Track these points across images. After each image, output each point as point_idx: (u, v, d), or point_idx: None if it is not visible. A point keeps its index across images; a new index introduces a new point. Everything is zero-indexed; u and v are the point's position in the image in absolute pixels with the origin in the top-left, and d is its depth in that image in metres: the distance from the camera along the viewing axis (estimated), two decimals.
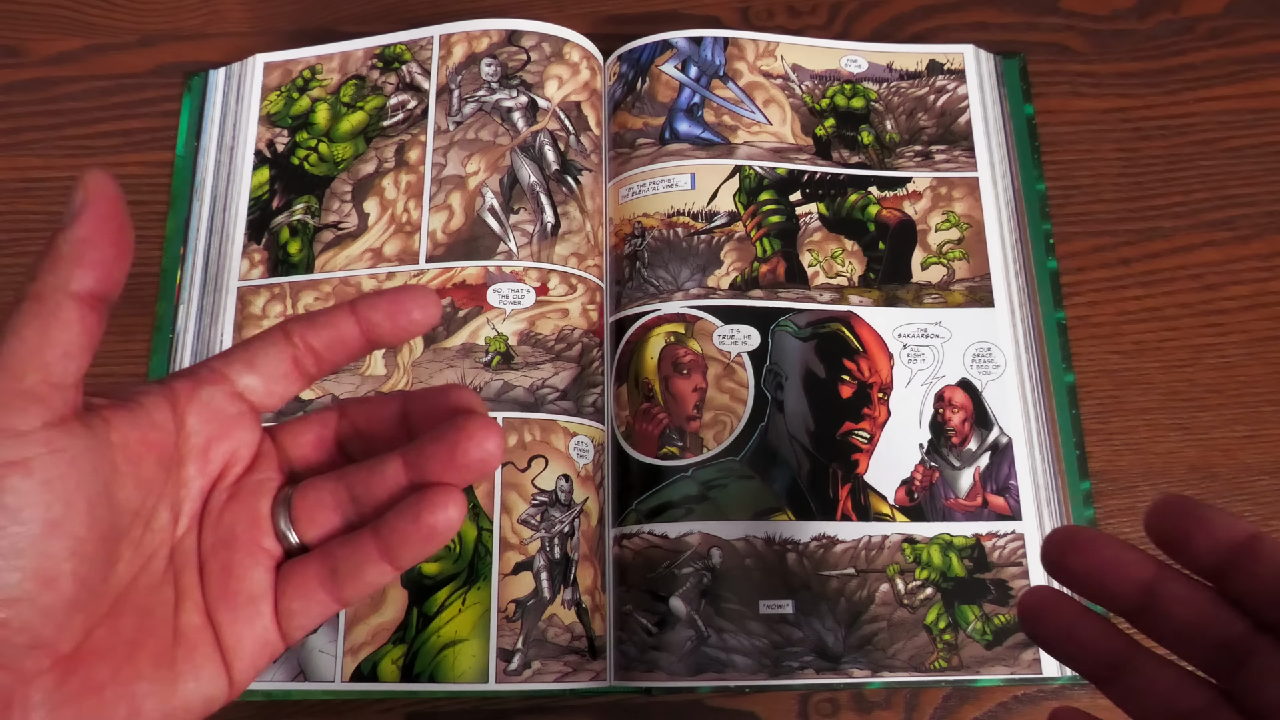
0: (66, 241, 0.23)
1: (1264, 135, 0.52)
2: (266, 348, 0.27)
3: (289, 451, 0.29)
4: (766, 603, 0.43)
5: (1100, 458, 0.47)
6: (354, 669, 0.42)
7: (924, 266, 0.49)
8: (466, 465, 0.26)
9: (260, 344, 0.28)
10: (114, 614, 0.25)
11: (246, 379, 0.27)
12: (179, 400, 0.26)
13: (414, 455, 0.27)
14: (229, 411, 0.27)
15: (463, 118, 0.50)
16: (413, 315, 0.27)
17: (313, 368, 0.28)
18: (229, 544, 0.27)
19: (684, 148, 0.50)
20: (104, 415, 0.24)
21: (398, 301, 0.27)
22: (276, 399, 0.28)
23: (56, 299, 0.22)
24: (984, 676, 0.43)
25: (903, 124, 0.52)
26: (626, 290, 0.48)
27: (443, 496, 0.26)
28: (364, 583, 0.27)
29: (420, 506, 0.26)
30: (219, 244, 0.51)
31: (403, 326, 0.28)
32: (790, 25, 0.55)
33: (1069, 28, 0.55)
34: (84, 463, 0.23)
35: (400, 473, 0.27)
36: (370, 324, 0.28)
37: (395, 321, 0.27)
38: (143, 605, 0.25)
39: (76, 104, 0.55)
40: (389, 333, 0.28)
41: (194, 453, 0.27)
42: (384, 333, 0.28)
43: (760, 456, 0.45)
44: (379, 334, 0.28)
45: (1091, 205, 0.51)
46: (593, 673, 0.43)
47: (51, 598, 0.22)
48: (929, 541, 0.45)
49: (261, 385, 0.28)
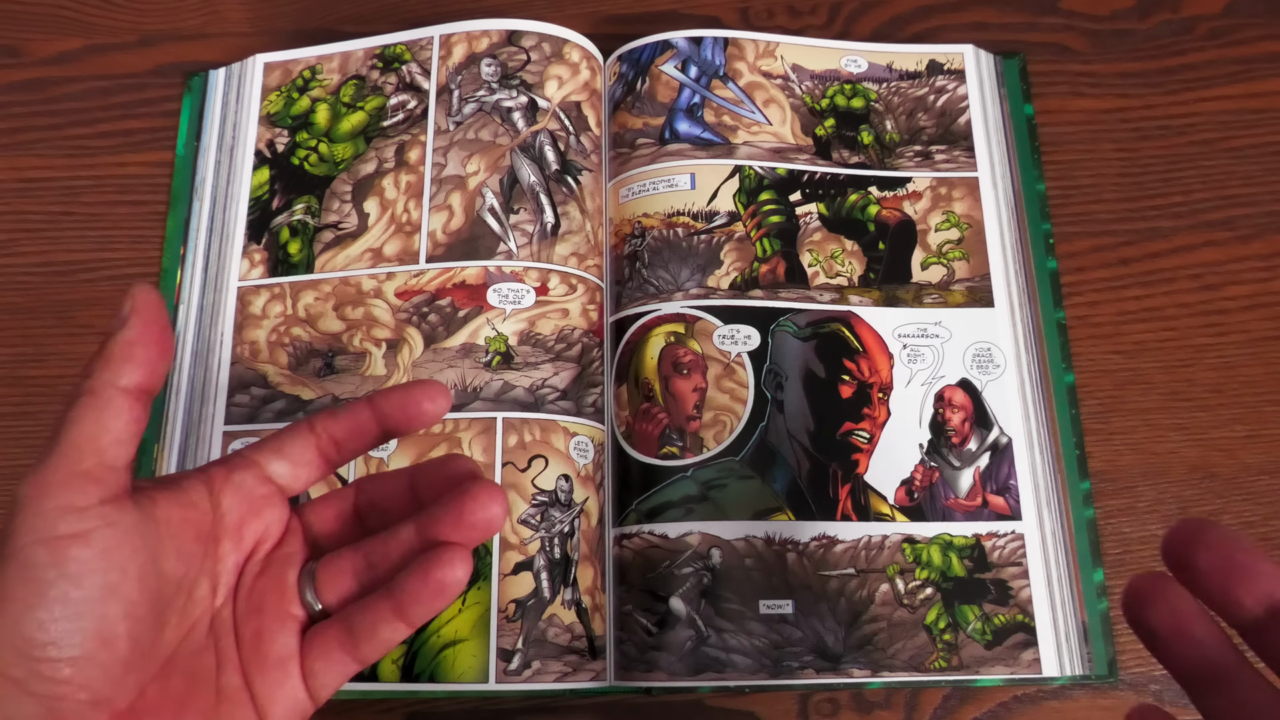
0: (117, 344, 0.26)
1: (1264, 135, 0.52)
2: (294, 439, 0.31)
3: (313, 527, 0.32)
4: (766, 603, 0.43)
5: (1100, 458, 0.47)
6: None
7: (924, 266, 0.49)
8: (473, 525, 0.29)
9: (288, 435, 0.31)
10: (163, 675, 0.27)
11: (275, 465, 0.31)
12: (215, 483, 0.30)
13: (424, 520, 0.29)
14: (259, 493, 0.30)
15: (463, 118, 0.50)
16: (423, 406, 0.31)
17: (335, 455, 0.32)
18: (260, 611, 0.29)
19: (684, 148, 0.50)
20: (150, 495, 0.27)
21: (409, 396, 0.31)
22: (302, 483, 0.31)
23: (109, 393, 0.26)
24: (984, 676, 0.43)
25: (903, 124, 0.52)
26: (626, 290, 0.48)
27: (450, 554, 0.28)
28: (380, 640, 0.29)
29: (429, 564, 0.28)
30: (219, 244, 0.51)
31: (414, 417, 0.31)
32: (790, 25, 0.55)
33: (1069, 28, 0.55)
34: (135, 536, 0.26)
35: (412, 537, 0.30)
36: (385, 416, 0.31)
37: (407, 413, 0.31)
38: (189, 668, 0.28)
39: (76, 104, 0.55)
40: (401, 424, 0.31)
41: (229, 530, 0.30)
42: (397, 423, 0.31)
43: (760, 456, 0.45)
44: (393, 424, 0.31)
45: (1091, 205, 0.51)
46: (593, 673, 0.43)
47: (109, 656, 0.25)
48: (929, 541, 0.45)
49: (289, 471, 0.31)
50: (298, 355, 0.48)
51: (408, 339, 0.47)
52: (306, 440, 0.31)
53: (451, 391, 0.46)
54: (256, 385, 0.48)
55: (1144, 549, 0.46)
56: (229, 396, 0.48)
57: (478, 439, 0.45)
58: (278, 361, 0.48)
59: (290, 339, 0.48)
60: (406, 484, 0.32)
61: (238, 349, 0.48)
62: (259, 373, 0.48)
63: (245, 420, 0.47)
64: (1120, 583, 0.45)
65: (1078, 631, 0.44)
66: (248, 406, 0.47)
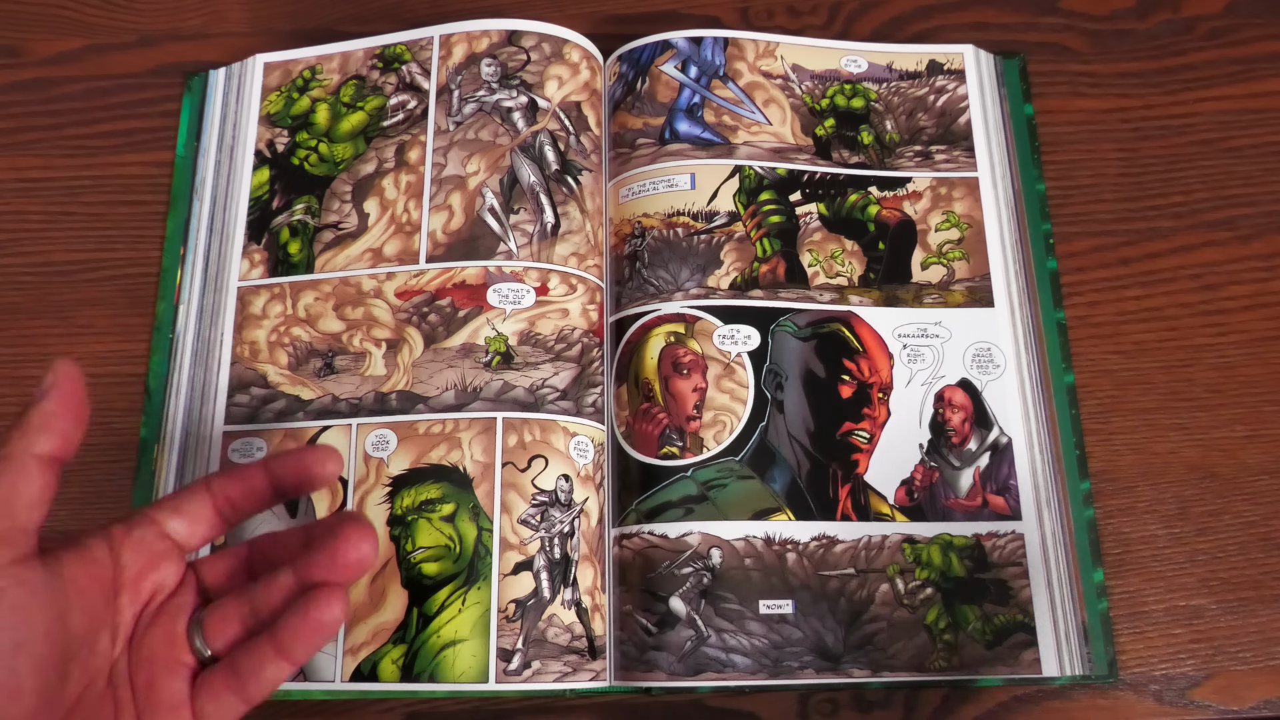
0: (36, 414, 0.28)
1: (1264, 135, 0.52)
2: (191, 498, 0.33)
3: (206, 579, 0.34)
4: (766, 603, 0.43)
5: (1100, 458, 0.47)
6: (354, 669, 0.42)
7: (924, 266, 0.49)
8: (346, 565, 0.31)
9: (186, 495, 0.33)
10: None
11: (173, 523, 0.33)
12: (115, 540, 0.31)
13: (301, 564, 0.31)
14: (157, 548, 0.32)
15: (463, 118, 0.50)
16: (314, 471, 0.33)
17: (230, 514, 0.34)
18: (152, 660, 0.31)
19: (684, 148, 0.50)
20: (56, 555, 0.29)
21: (303, 461, 0.33)
22: (199, 540, 0.33)
23: (25, 460, 0.28)
24: (984, 676, 0.43)
25: (903, 124, 0.52)
26: (626, 290, 0.48)
27: (327, 595, 0.30)
28: (264, 680, 0.31)
29: (308, 605, 0.30)
30: (219, 244, 0.51)
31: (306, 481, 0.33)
32: (790, 25, 0.55)
33: (1069, 28, 0.55)
34: (43, 594, 0.27)
35: (291, 581, 0.31)
36: (279, 479, 0.33)
37: (300, 479, 0.33)
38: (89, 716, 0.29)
39: (76, 104, 0.55)
40: (294, 487, 0.33)
41: (128, 583, 0.31)
42: (291, 487, 0.33)
43: (760, 456, 0.45)
44: (287, 487, 0.33)
45: (1091, 205, 0.51)
46: (593, 673, 0.43)
47: (17, 710, 0.26)
48: (929, 541, 0.45)
49: (185, 528, 0.33)
50: (298, 355, 0.48)
51: (408, 339, 0.47)
52: (203, 499, 0.33)
53: (451, 392, 0.46)
54: (256, 385, 0.48)
55: (1144, 549, 0.46)
56: (229, 396, 0.48)
57: (478, 439, 0.45)
58: (278, 361, 0.48)
59: (290, 339, 0.48)
60: (301, 541, 0.33)
61: (238, 349, 0.48)
62: (259, 373, 0.48)
63: (245, 420, 0.47)
64: (1120, 583, 0.45)
65: (1078, 631, 0.44)
66: (248, 406, 0.47)
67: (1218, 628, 0.44)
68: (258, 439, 0.47)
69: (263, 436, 0.47)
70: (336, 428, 0.46)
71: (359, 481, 0.45)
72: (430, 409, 0.46)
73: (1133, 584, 0.45)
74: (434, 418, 0.45)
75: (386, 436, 0.46)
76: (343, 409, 0.46)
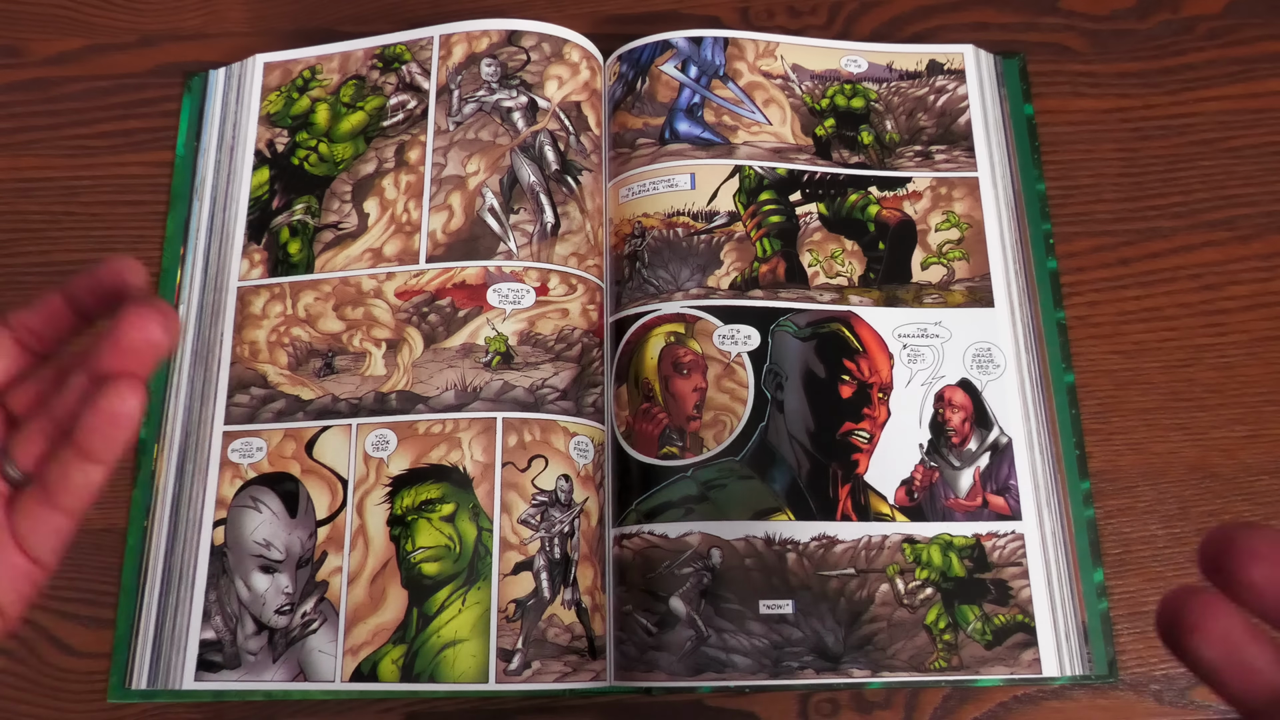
0: None
1: (1264, 135, 0.52)
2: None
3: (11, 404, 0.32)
4: (766, 603, 0.43)
5: (1100, 458, 0.47)
6: (354, 669, 0.42)
7: (924, 266, 0.49)
8: (135, 351, 0.29)
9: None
10: None
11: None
12: None
13: (91, 359, 0.29)
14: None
15: (463, 118, 0.50)
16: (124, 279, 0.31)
17: (36, 345, 0.32)
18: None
19: (684, 148, 0.50)
20: None
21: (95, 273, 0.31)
22: (2, 374, 0.31)
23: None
24: (984, 676, 0.43)
25: (903, 124, 0.52)
26: (626, 290, 0.48)
27: (117, 385, 0.28)
28: (74, 486, 0.29)
29: (99, 398, 0.28)
30: (219, 244, 0.51)
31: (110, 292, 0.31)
32: (790, 25, 0.55)
33: (1069, 28, 0.55)
34: None
35: (84, 381, 0.30)
36: (74, 297, 0.31)
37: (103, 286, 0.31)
38: None
39: (76, 104, 0.55)
40: (96, 304, 0.32)
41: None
42: (91, 306, 0.32)
43: (760, 456, 0.45)
44: (87, 307, 0.32)
45: (1091, 205, 0.51)
46: (593, 673, 0.43)
47: None
48: (929, 541, 0.45)
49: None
50: (298, 355, 0.48)
51: (408, 339, 0.47)
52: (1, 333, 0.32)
53: (451, 392, 0.46)
54: (256, 385, 0.48)
55: (1144, 549, 0.46)
56: (229, 396, 0.48)
57: (478, 439, 0.45)
58: (278, 361, 0.48)
59: (290, 339, 0.48)
60: (62, 305, 0.32)
61: (238, 349, 0.48)
62: (259, 373, 0.48)
63: (245, 420, 0.47)
64: (1120, 583, 0.45)
65: (1078, 631, 0.44)
66: (248, 406, 0.47)
67: None
68: (257, 439, 0.47)
69: (263, 436, 0.47)
70: (336, 428, 0.46)
71: (359, 481, 0.45)
72: (430, 409, 0.46)
73: (1133, 584, 0.45)
74: (434, 418, 0.45)
75: (386, 436, 0.46)
76: (343, 409, 0.46)
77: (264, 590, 0.44)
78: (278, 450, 0.46)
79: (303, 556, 0.44)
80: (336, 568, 0.44)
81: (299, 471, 0.46)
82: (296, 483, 0.46)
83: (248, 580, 0.45)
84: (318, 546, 0.45)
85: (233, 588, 0.44)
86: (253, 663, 0.43)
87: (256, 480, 0.46)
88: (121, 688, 0.44)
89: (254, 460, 0.46)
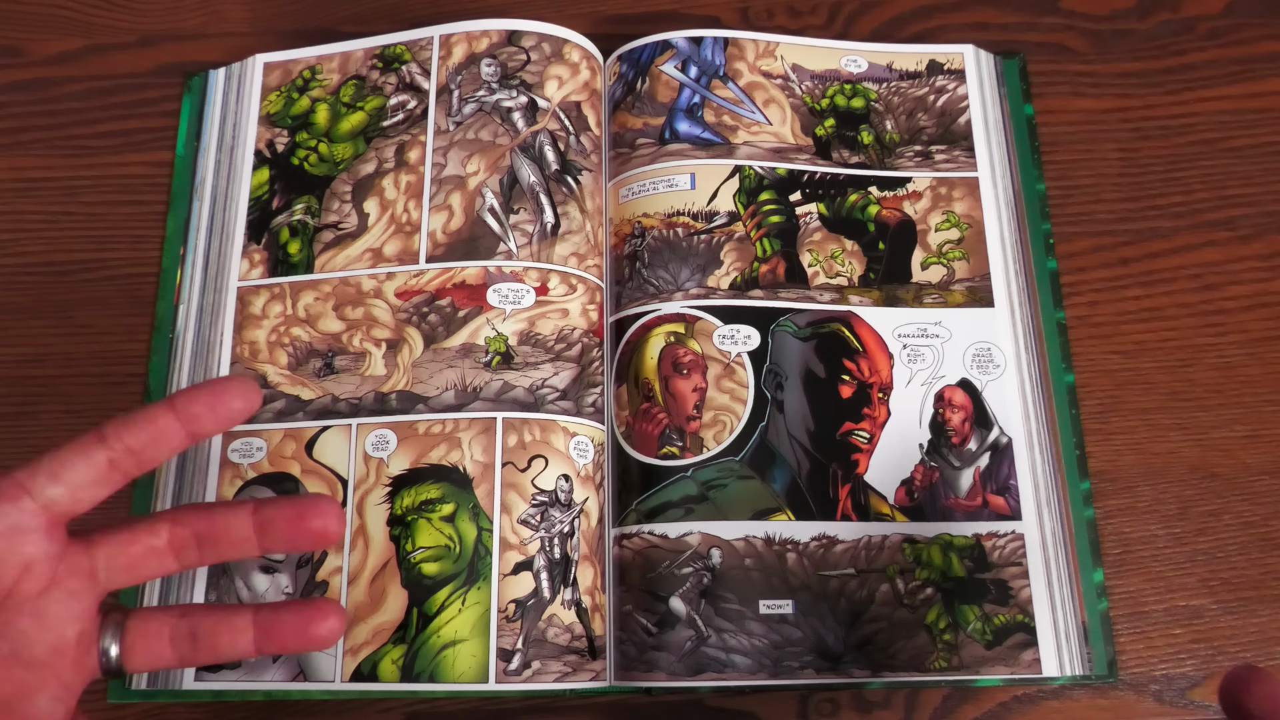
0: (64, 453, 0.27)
1: (1264, 135, 0.52)
2: (76, 457, 0.28)
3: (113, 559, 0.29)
4: (766, 603, 0.43)
5: (1100, 458, 0.47)
6: (354, 669, 0.42)
7: (924, 266, 0.49)
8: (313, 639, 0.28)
9: (70, 453, 0.28)
10: None
11: (50, 490, 0.27)
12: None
13: (265, 619, 0.28)
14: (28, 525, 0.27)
15: (463, 118, 0.50)
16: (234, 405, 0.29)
17: (133, 468, 0.29)
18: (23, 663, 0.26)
19: (684, 148, 0.50)
20: None
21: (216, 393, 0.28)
22: (86, 504, 0.28)
23: None
24: (984, 676, 0.43)
25: (903, 124, 0.52)
26: (626, 290, 0.48)
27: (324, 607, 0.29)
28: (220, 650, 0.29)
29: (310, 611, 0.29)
30: (219, 244, 0.51)
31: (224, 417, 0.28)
32: (790, 25, 0.55)
33: (1069, 28, 0.55)
34: None
35: (249, 628, 0.28)
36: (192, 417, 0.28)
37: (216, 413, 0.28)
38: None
39: (76, 104, 0.55)
40: (211, 424, 0.28)
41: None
42: (205, 424, 0.28)
43: (760, 456, 0.45)
44: (200, 425, 0.28)
45: (1091, 205, 0.51)
46: (593, 673, 0.43)
47: None
48: (929, 541, 0.45)
49: (67, 495, 0.28)
50: (298, 355, 0.48)
51: (408, 339, 0.47)
52: (94, 455, 0.28)
53: (451, 392, 0.46)
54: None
55: (1144, 549, 0.46)
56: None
57: (478, 439, 0.45)
58: (277, 362, 0.48)
59: (290, 339, 0.48)
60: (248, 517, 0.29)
61: (238, 349, 0.48)
62: (259, 373, 0.48)
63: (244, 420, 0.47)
64: (1120, 583, 0.45)
65: (1078, 631, 0.44)
66: None
67: (1218, 628, 0.44)
68: (257, 439, 0.47)
69: (262, 436, 0.47)
70: (336, 428, 0.46)
71: (359, 481, 0.45)
72: (430, 409, 0.46)
73: (1133, 584, 0.45)
74: (434, 418, 0.45)
75: (386, 436, 0.46)
76: (342, 409, 0.46)
77: (264, 590, 0.44)
78: (277, 450, 0.46)
79: (303, 556, 0.44)
80: (336, 568, 0.44)
81: (299, 471, 0.46)
82: (296, 483, 0.46)
83: (248, 580, 0.45)
84: None
85: (233, 588, 0.44)
86: (252, 663, 0.43)
87: (256, 480, 0.46)
88: (122, 688, 0.44)
89: (254, 460, 0.46)
